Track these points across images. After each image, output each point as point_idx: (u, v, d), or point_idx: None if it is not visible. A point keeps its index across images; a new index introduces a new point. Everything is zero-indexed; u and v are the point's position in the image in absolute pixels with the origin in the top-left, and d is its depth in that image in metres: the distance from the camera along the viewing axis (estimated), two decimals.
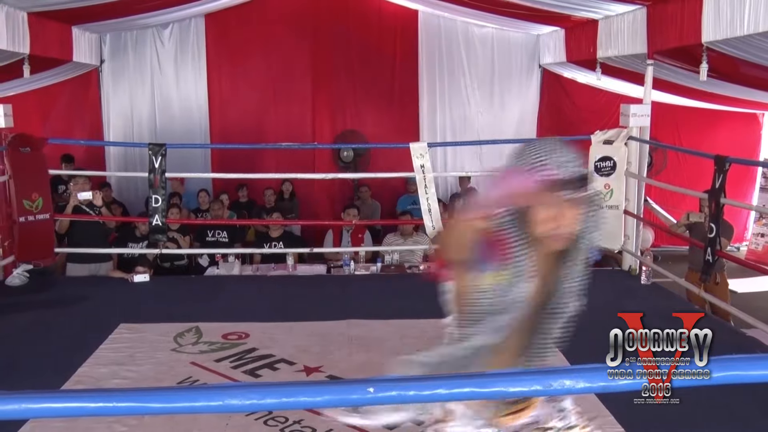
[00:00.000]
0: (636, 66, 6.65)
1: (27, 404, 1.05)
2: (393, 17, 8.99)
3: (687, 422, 3.06)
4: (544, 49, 8.99)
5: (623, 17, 6.35)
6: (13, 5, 5.74)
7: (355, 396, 1.12)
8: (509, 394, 1.10)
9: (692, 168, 8.53)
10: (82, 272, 5.83)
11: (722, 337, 1.15)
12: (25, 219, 5.26)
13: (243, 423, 3.04)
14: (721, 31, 4.82)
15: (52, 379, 3.52)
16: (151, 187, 5.57)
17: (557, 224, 1.61)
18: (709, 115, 8.83)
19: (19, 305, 4.85)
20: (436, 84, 9.16)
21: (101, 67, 8.74)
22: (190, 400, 1.08)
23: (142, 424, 3.04)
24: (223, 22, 8.74)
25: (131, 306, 4.87)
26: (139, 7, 7.36)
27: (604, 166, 5.55)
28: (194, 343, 4.14)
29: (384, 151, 8.52)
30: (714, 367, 1.09)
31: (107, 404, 1.06)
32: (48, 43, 6.66)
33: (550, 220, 1.61)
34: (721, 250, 4.63)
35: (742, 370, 1.09)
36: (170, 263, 6.56)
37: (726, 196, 4.45)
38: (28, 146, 5.34)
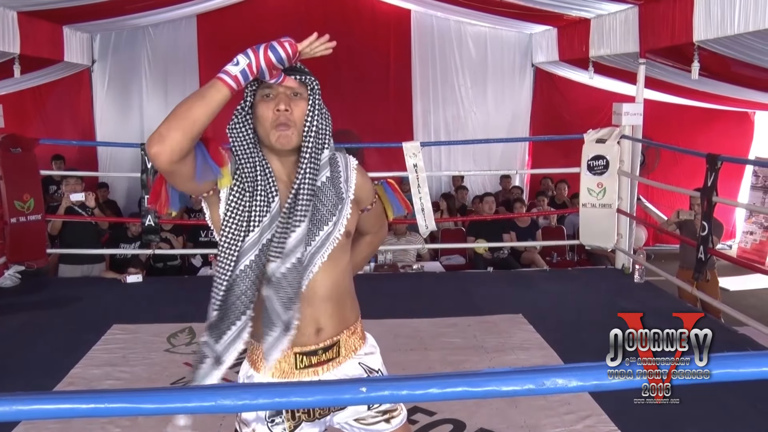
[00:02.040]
0: (628, 65, 6.68)
1: (19, 406, 1.04)
2: (386, 17, 9.00)
3: (681, 420, 3.07)
4: (537, 48, 9.02)
5: (615, 16, 6.37)
6: (3, 4, 5.71)
7: (347, 396, 1.11)
8: (502, 393, 1.10)
9: (685, 166, 8.57)
10: (74, 273, 5.81)
11: (715, 335, 1.15)
12: (16, 220, 5.23)
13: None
14: (712, 30, 4.85)
15: (44, 381, 3.50)
16: (144, 187, 5.55)
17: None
18: (701, 114, 8.88)
19: (11, 306, 4.82)
20: (429, 83, 9.18)
21: (92, 67, 8.71)
22: (184, 401, 1.08)
23: (136, 425, 3.03)
24: (214, 22, 8.72)
25: (124, 307, 4.85)
26: (130, 7, 7.34)
27: (596, 164, 5.56)
28: (188, 343, 4.12)
29: (377, 151, 8.53)
30: (713, 366, 1.10)
31: (100, 405, 1.06)
32: (39, 42, 6.63)
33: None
34: (713, 248, 4.65)
35: (740, 368, 1.09)
36: (163, 264, 6.54)
37: (718, 194, 4.48)
38: (19, 146, 5.31)
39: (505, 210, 7.90)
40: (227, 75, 1.47)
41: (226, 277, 1.57)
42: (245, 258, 1.56)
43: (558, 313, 4.69)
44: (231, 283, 1.57)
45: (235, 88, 1.47)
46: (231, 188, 1.59)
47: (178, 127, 1.41)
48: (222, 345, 1.58)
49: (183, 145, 1.41)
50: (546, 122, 9.24)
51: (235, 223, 1.57)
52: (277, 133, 1.58)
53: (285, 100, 1.58)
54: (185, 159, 1.45)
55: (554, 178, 8.69)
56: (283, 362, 1.68)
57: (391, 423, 1.79)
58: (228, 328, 1.58)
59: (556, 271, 6.33)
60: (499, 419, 3.11)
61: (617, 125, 5.62)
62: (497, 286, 5.48)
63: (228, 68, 1.47)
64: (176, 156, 1.42)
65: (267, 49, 1.49)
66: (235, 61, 1.48)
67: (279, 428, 1.69)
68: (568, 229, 7.72)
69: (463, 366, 3.75)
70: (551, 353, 3.92)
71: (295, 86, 1.59)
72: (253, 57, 1.48)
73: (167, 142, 1.40)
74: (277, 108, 1.58)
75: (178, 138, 1.40)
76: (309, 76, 1.63)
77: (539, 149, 9.35)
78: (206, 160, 1.53)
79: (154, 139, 1.40)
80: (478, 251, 7.09)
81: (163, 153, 1.40)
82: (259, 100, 1.60)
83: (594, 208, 5.63)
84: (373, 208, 1.84)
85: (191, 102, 1.44)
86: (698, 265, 4.64)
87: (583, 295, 5.15)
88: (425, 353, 3.96)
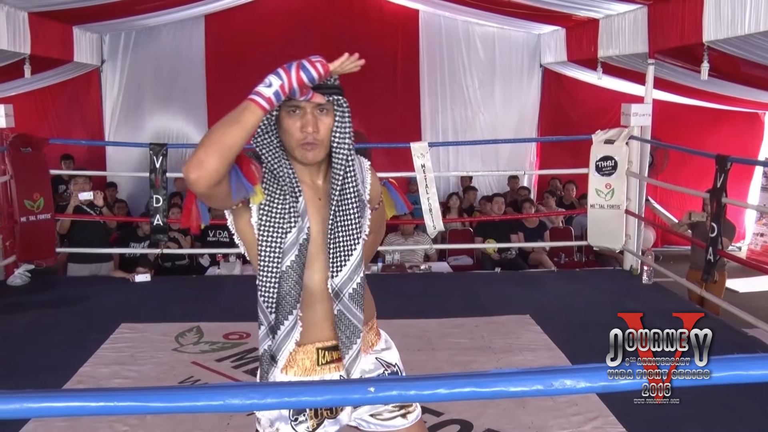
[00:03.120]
0: (637, 65, 6.66)
1: (29, 403, 1.05)
2: (394, 17, 9.00)
3: (688, 422, 3.06)
4: (545, 48, 9.00)
5: (624, 16, 6.35)
6: (14, 5, 5.75)
7: (356, 396, 1.12)
8: (509, 393, 1.10)
9: (693, 167, 8.53)
10: (83, 272, 5.84)
11: (722, 336, 1.15)
12: (26, 219, 5.26)
13: (244, 423, 3.04)
14: (722, 30, 4.83)
15: (53, 379, 3.52)
16: (152, 187, 5.57)
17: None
18: (710, 115, 8.83)
19: (21, 305, 4.85)
20: (437, 83, 9.17)
21: (102, 67, 8.75)
22: (192, 400, 1.08)
23: (144, 424, 3.04)
24: (222, 23, 8.74)
25: (132, 306, 4.87)
26: (139, 8, 7.37)
27: (605, 165, 5.54)
28: (195, 342, 4.14)
29: (385, 151, 8.53)
30: (714, 367, 1.09)
31: (109, 404, 1.06)
32: (49, 43, 6.67)
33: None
34: (722, 250, 4.63)
35: (742, 370, 1.09)
36: (171, 263, 6.56)
37: (727, 195, 4.46)
38: (29, 146, 5.34)
39: (513, 211, 7.89)
40: (260, 97, 1.47)
41: (274, 275, 1.63)
42: (287, 258, 1.62)
43: (566, 314, 4.68)
44: (279, 281, 1.63)
45: (268, 109, 1.48)
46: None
47: (215, 153, 1.43)
48: (275, 343, 1.66)
49: (221, 171, 1.44)
50: (554, 123, 9.22)
51: (272, 225, 1.61)
52: (303, 150, 1.61)
53: (312, 121, 1.60)
54: (221, 181, 1.48)
55: (562, 179, 8.66)
56: (305, 359, 1.70)
57: (408, 418, 1.80)
58: (278, 328, 1.65)
59: (564, 272, 6.32)
60: (507, 420, 3.11)
61: (626, 126, 5.60)
62: (505, 287, 5.47)
63: (260, 90, 1.48)
64: (214, 181, 1.44)
65: (299, 69, 1.50)
66: (267, 82, 1.48)
67: (303, 426, 1.70)
68: (576, 230, 7.70)
69: (470, 366, 3.74)
70: (559, 354, 3.91)
71: (322, 102, 1.60)
72: (285, 77, 1.49)
73: (206, 167, 1.42)
74: (304, 129, 1.59)
75: (216, 164, 1.42)
76: (336, 95, 1.65)
77: (547, 150, 9.33)
78: (240, 180, 1.56)
79: (192, 166, 1.42)
80: (486, 252, 7.09)
81: (202, 179, 1.43)
82: (285, 113, 1.61)
83: (602, 209, 5.62)
84: (380, 208, 1.85)
85: (226, 126, 1.45)
86: (707, 267, 4.62)
87: (591, 296, 5.14)
88: (432, 353, 3.95)
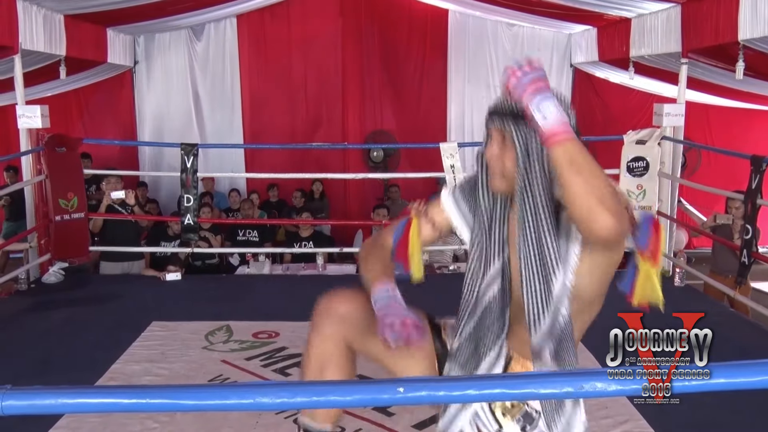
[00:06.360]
0: (670, 65, 6.56)
1: (64, 399, 1.07)
2: (423, 16, 8.97)
3: (721, 428, 3.00)
4: (576, 48, 8.90)
5: (657, 15, 6.26)
6: (51, 8, 5.86)
7: (385, 396, 1.12)
8: (540, 395, 1.10)
9: (723, 168, 8.37)
10: (115, 270, 5.91)
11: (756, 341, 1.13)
12: (60, 218, 5.36)
13: (273, 421, 3.06)
14: (759, 28, 4.73)
15: (85, 375, 3.57)
16: (183, 186, 5.64)
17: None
18: (742, 114, 8.66)
19: (55, 302, 4.94)
20: (465, 84, 9.11)
21: (135, 68, 8.86)
22: (222, 398, 1.09)
23: (174, 421, 3.08)
24: (254, 23, 8.80)
25: (163, 304, 4.93)
26: (172, 9, 7.46)
27: (636, 166, 5.48)
28: (225, 341, 4.18)
29: (414, 151, 8.52)
30: (715, 372, 1.08)
31: (141, 401, 1.08)
32: (83, 44, 6.78)
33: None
34: (757, 252, 4.54)
35: (746, 377, 1.08)
36: (201, 262, 6.63)
37: (763, 197, 4.37)
38: (64, 146, 5.44)
39: None
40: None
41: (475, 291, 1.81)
42: (491, 287, 1.77)
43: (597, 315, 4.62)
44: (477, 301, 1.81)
45: None
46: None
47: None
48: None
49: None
50: (584, 123, 9.00)
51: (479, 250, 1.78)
52: (489, 178, 1.66)
53: (498, 157, 1.61)
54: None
55: None
56: None
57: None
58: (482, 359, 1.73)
59: None
60: None
61: (658, 126, 5.53)
62: None
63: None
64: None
65: None
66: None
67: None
68: None
69: None
70: (588, 356, 3.86)
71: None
72: None
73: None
74: (490, 160, 1.62)
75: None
76: (510, 127, 1.57)
77: None
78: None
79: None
80: None
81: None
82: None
83: (634, 210, 5.53)
84: None
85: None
86: (741, 269, 4.53)
87: (621, 297, 5.06)
88: None
